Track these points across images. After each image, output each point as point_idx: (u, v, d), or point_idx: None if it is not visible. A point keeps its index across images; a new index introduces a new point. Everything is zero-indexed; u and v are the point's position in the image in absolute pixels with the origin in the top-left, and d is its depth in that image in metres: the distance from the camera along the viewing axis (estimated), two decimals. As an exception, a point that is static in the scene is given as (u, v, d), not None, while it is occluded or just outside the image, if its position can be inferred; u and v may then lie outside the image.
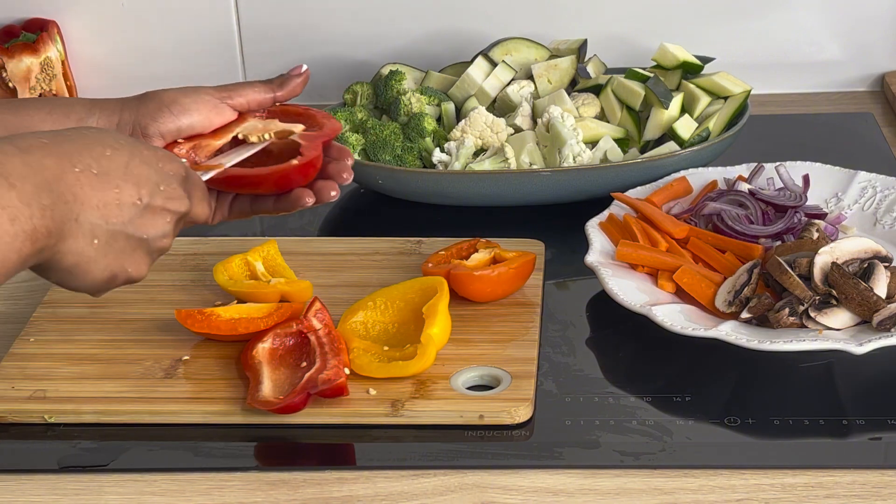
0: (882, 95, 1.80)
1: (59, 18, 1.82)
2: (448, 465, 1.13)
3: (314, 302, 1.26)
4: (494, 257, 1.34)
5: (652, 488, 1.10)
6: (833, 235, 1.38)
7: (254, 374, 1.20)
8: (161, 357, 1.26)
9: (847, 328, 1.23)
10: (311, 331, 1.24)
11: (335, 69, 1.82)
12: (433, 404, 1.18)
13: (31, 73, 1.76)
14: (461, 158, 1.52)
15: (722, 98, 1.57)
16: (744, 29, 1.78)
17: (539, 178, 1.47)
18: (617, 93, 1.59)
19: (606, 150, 1.53)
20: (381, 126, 1.54)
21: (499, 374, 1.22)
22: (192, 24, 1.81)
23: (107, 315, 1.33)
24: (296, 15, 1.80)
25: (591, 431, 1.16)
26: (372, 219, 1.54)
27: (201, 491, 1.12)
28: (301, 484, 1.12)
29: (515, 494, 1.10)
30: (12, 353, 1.27)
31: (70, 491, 1.12)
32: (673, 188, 1.44)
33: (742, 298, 1.26)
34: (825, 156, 1.52)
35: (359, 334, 1.25)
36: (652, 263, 1.32)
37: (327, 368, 1.18)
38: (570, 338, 1.30)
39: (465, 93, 1.62)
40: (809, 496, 1.08)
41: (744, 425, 1.16)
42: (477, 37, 1.78)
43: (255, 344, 1.23)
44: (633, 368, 1.26)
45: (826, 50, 1.80)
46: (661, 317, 1.24)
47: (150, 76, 1.84)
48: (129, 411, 1.19)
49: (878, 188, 1.44)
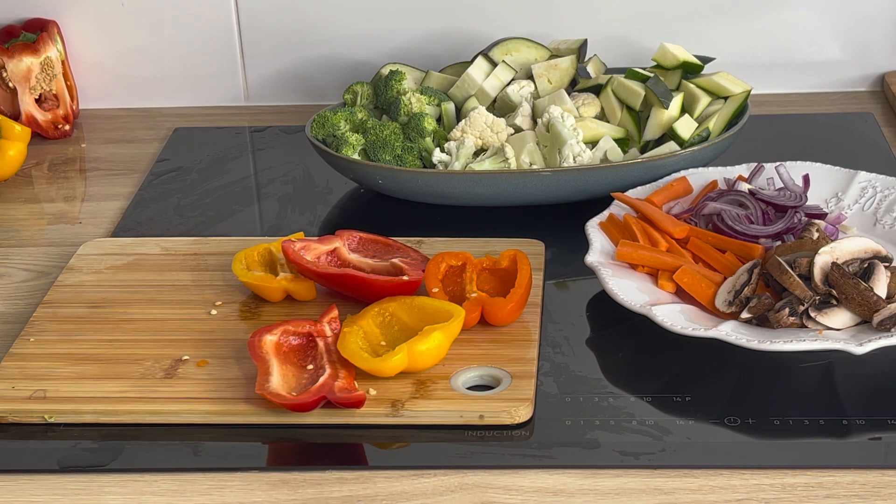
0: (882, 95, 1.80)
1: (59, 18, 1.82)
2: (448, 465, 1.13)
3: (331, 309, 1.27)
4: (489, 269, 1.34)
5: (652, 488, 1.10)
6: (833, 235, 1.38)
7: (262, 363, 1.20)
8: (161, 357, 1.26)
9: (847, 328, 1.23)
10: (322, 336, 1.25)
11: (335, 69, 1.82)
12: (433, 404, 1.18)
13: (31, 73, 1.76)
14: (461, 158, 1.52)
15: (722, 98, 1.57)
16: (744, 29, 1.78)
17: (539, 178, 1.47)
18: (617, 93, 1.59)
19: (606, 150, 1.53)
20: (381, 126, 1.54)
21: (499, 374, 1.22)
22: (192, 24, 1.81)
23: (107, 315, 1.33)
24: (296, 15, 1.80)
25: (591, 431, 1.16)
26: (372, 219, 1.54)
27: (201, 491, 1.12)
28: (301, 484, 1.12)
29: (515, 494, 1.10)
30: (12, 353, 1.27)
31: (70, 491, 1.12)
32: (673, 188, 1.44)
33: (742, 298, 1.26)
34: (825, 156, 1.52)
35: (363, 321, 1.26)
36: (652, 263, 1.32)
37: (339, 378, 1.19)
38: (570, 338, 1.30)
39: (465, 93, 1.62)
40: (809, 496, 1.08)
41: (744, 425, 1.16)
42: (477, 37, 1.78)
43: (263, 333, 1.23)
44: (633, 368, 1.26)
45: (826, 50, 1.80)
46: (661, 317, 1.24)
47: (150, 76, 1.85)
48: (129, 411, 1.19)
49: (878, 188, 1.44)
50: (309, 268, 1.32)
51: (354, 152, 1.53)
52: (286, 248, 1.33)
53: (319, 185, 1.63)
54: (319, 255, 1.35)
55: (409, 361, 1.20)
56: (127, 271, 1.41)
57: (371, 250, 1.38)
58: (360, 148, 1.54)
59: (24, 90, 1.76)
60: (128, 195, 1.63)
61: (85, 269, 1.41)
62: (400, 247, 1.38)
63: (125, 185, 1.66)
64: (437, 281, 1.31)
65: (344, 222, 1.54)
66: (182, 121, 1.82)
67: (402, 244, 1.39)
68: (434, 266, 1.32)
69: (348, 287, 1.32)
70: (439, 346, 1.21)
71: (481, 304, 1.28)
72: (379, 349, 1.24)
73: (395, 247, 1.38)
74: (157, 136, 1.78)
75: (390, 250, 1.38)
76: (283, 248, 1.33)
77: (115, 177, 1.68)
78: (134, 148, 1.75)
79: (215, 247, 1.44)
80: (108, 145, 1.77)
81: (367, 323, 1.26)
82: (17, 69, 1.76)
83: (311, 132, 1.56)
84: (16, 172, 1.68)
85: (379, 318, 1.27)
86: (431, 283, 1.31)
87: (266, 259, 1.37)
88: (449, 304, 1.26)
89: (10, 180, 1.68)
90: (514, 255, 1.33)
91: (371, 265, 1.35)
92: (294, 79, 1.84)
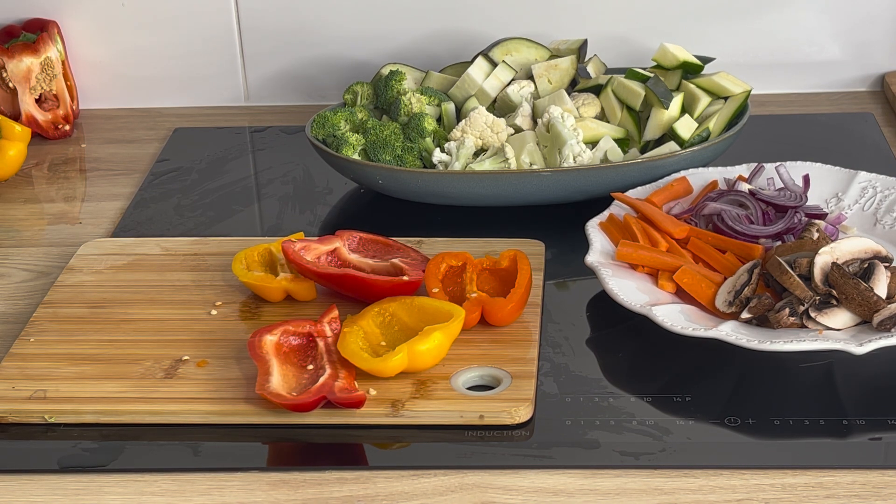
0: (882, 95, 1.80)
1: (59, 18, 1.82)
2: (448, 465, 1.13)
3: (331, 309, 1.27)
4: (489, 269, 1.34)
5: (652, 488, 1.10)
6: (833, 235, 1.38)
7: (262, 363, 1.20)
8: (161, 357, 1.26)
9: (847, 328, 1.23)
10: (322, 336, 1.25)
11: (335, 69, 1.82)
12: (433, 404, 1.18)
13: (31, 73, 1.76)
14: (461, 158, 1.52)
15: (722, 98, 1.57)
16: (744, 29, 1.78)
17: (539, 178, 1.47)
18: (617, 93, 1.59)
19: (606, 150, 1.53)
20: (381, 126, 1.54)
21: (499, 374, 1.22)
22: (192, 24, 1.81)
23: (107, 315, 1.33)
24: (296, 15, 1.80)
25: (591, 431, 1.16)
26: (372, 219, 1.54)
27: (201, 491, 1.12)
28: (301, 484, 1.12)
29: (515, 494, 1.10)
30: (12, 353, 1.27)
31: (70, 491, 1.12)
32: (673, 188, 1.44)
33: (742, 298, 1.26)
34: (825, 156, 1.52)
35: (363, 321, 1.26)
36: (652, 263, 1.32)
37: (339, 378, 1.19)
38: (570, 338, 1.30)
39: (465, 93, 1.62)
40: (809, 496, 1.08)
41: (744, 425, 1.16)
42: (477, 37, 1.78)
43: (263, 333, 1.23)
44: (633, 368, 1.26)
45: (826, 50, 1.80)
46: (661, 317, 1.24)
47: (150, 76, 1.85)
48: (129, 411, 1.19)
49: (879, 188, 1.44)
50: (309, 268, 1.32)
51: (354, 152, 1.53)
52: (286, 248, 1.33)
53: (319, 185, 1.63)
54: (319, 255, 1.35)
55: (409, 361, 1.20)
56: (127, 271, 1.41)
57: (371, 250, 1.39)
58: (360, 148, 1.54)
59: (24, 90, 1.76)
60: (128, 195, 1.63)
61: (85, 270, 1.41)
62: (400, 247, 1.38)
63: (125, 185, 1.66)
64: (437, 281, 1.31)
65: (344, 222, 1.54)
66: (182, 121, 1.82)
67: (402, 244, 1.39)
68: (434, 266, 1.32)
69: (348, 287, 1.32)
70: (439, 346, 1.21)
71: (481, 305, 1.28)
72: (379, 349, 1.24)
73: (395, 247, 1.38)
74: (157, 136, 1.78)
75: (390, 250, 1.38)
76: (283, 249, 1.33)
77: (115, 177, 1.68)
78: (134, 148, 1.75)
79: (215, 247, 1.44)
80: (108, 145, 1.77)
81: (368, 323, 1.26)
82: (18, 69, 1.76)
83: (311, 132, 1.56)
84: (16, 172, 1.68)
85: (379, 319, 1.27)
86: (431, 283, 1.31)
87: (266, 259, 1.37)
88: (449, 304, 1.26)
89: (10, 180, 1.68)
90: (514, 255, 1.33)
91: (371, 265, 1.35)
92: (294, 79, 1.84)
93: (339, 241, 1.38)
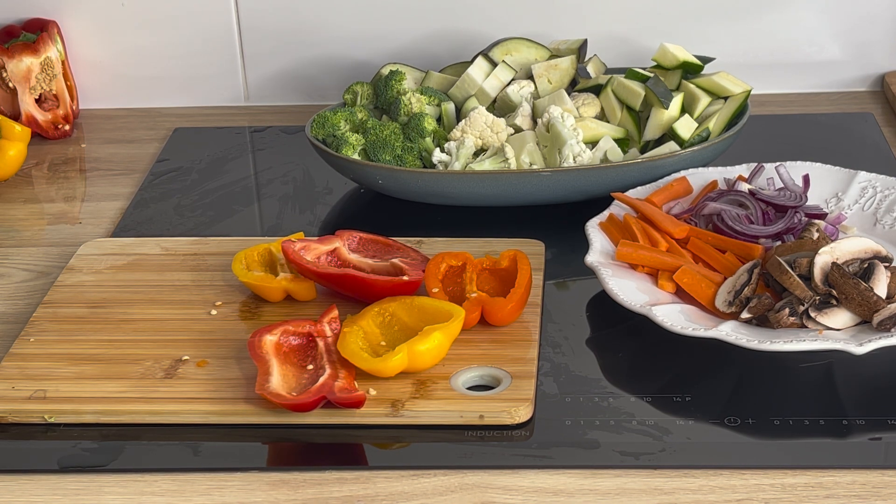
0: (882, 95, 1.80)
1: (59, 18, 1.82)
2: (448, 465, 1.13)
3: (331, 309, 1.27)
4: (489, 269, 1.34)
5: (652, 488, 1.10)
6: (833, 235, 1.38)
7: (262, 363, 1.20)
8: (161, 357, 1.26)
9: (847, 328, 1.23)
10: (322, 336, 1.25)
11: (335, 69, 1.82)
12: (433, 404, 1.18)
13: (31, 73, 1.76)
14: (461, 158, 1.52)
15: (722, 98, 1.57)
16: (744, 29, 1.78)
17: (539, 178, 1.47)
18: (617, 93, 1.59)
19: (606, 150, 1.53)
20: (381, 126, 1.54)
21: (499, 374, 1.22)
22: (192, 24, 1.81)
23: (107, 315, 1.33)
24: (296, 15, 1.80)
25: (591, 431, 1.16)
26: (372, 219, 1.54)
27: (201, 491, 1.12)
28: (301, 484, 1.12)
29: (515, 494, 1.10)
30: (12, 353, 1.27)
31: (70, 491, 1.12)
32: (673, 188, 1.44)
33: (742, 298, 1.26)
34: (825, 156, 1.52)
35: (363, 321, 1.26)
36: (652, 263, 1.32)
37: (339, 378, 1.19)
38: (570, 338, 1.30)
39: (465, 93, 1.62)
40: (809, 496, 1.08)
41: (744, 425, 1.16)
42: (477, 37, 1.78)
43: (263, 333, 1.23)
44: (633, 368, 1.26)
45: (826, 50, 1.80)
46: (661, 317, 1.24)
47: (150, 76, 1.85)
48: (129, 411, 1.19)
49: (879, 188, 1.44)
50: (309, 268, 1.32)
51: (354, 152, 1.53)
52: (286, 248, 1.33)
53: (319, 185, 1.63)
54: (319, 255, 1.35)
55: (409, 361, 1.20)
56: (127, 271, 1.41)
57: (371, 250, 1.39)
58: (360, 148, 1.54)
59: (24, 90, 1.76)
60: (128, 195, 1.63)
61: (85, 269, 1.41)
62: (400, 247, 1.38)
63: (125, 185, 1.66)
64: (437, 281, 1.31)
65: (344, 222, 1.54)
66: (182, 121, 1.82)
67: (402, 244, 1.39)
68: (434, 266, 1.32)
69: (348, 287, 1.32)
70: (439, 346, 1.21)
71: (481, 304, 1.28)
72: (379, 349, 1.24)
73: (395, 247, 1.38)
74: (157, 136, 1.78)
75: (390, 250, 1.38)
76: (283, 248, 1.33)
77: (115, 177, 1.68)
78: (134, 148, 1.75)
79: (215, 247, 1.44)
80: (108, 145, 1.77)
81: (367, 323, 1.26)
82: (17, 69, 1.76)
83: (311, 132, 1.56)
84: (16, 172, 1.68)
85: (379, 319, 1.27)
86: (431, 283, 1.31)
87: (266, 259, 1.37)
88: (449, 304, 1.26)
89: (10, 180, 1.68)
90: (514, 255, 1.33)
91: (371, 265, 1.35)
92: (294, 79, 1.84)
93: (339, 241, 1.38)
